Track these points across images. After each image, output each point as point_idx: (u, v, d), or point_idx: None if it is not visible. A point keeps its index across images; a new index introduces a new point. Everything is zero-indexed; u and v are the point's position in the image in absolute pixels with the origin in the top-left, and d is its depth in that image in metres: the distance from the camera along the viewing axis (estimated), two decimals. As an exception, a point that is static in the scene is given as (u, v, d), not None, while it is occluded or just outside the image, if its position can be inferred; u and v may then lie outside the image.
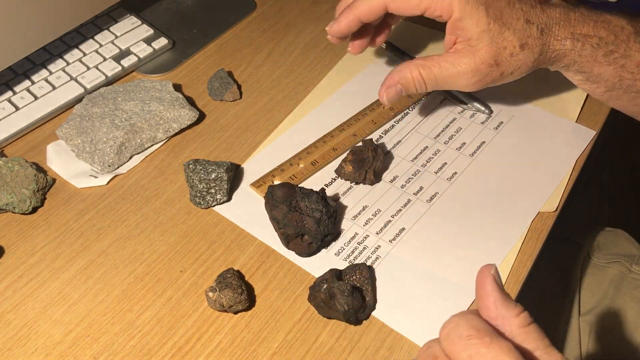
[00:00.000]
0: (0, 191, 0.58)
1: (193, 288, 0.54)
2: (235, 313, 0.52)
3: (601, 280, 0.77)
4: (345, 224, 0.59)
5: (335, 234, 0.57)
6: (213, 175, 0.58)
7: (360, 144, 0.60)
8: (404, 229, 0.58)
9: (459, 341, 0.37)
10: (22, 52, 0.66)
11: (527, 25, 0.54)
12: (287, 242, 0.56)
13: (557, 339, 0.76)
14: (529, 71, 0.57)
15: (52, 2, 0.65)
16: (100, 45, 0.73)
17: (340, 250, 0.57)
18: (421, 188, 0.61)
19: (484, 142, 0.65)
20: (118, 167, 0.63)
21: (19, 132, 0.66)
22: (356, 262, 0.56)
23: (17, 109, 0.67)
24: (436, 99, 0.70)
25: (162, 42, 0.75)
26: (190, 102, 0.70)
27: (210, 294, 0.51)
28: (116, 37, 0.74)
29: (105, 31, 0.75)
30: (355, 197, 0.61)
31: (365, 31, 0.62)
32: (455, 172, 0.63)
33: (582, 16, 0.55)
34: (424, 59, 0.57)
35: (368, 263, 0.56)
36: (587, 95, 0.69)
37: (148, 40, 0.74)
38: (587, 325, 0.75)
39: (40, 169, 0.62)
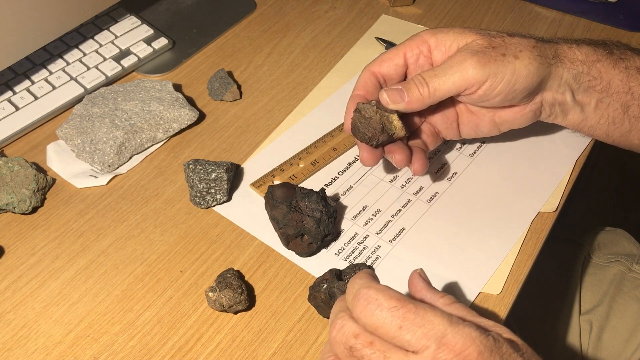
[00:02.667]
0: (0, 191, 0.58)
1: (193, 288, 0.54)
2: (235, 313, 0.52)
3: (601, 280, 0.77)
4: (345, 224, 0.59)
5: (335, 234, 0.57)
6: (213, 175, 0.58)
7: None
8: (404, 229, 0.58)
9: (381, 313, 0.36)
10: (22, 52, 0.66)
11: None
12: (287, 242, 0.56)
13: (557, 339, 0.76)
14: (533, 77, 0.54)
15: (52, 2, 0.65)
16: (100, 45, 0.73)
17: (340, 250, 0.57)
18: (421, 188, 0.61)
19: (484, 142, 0.65)
20: (118, 167, 0.63)
21: (19, 132, 0.66)
22: (356, 262, 0.56)
23: (17, 109, 0.67)
24: (436, 99, 0.70)
25: (162, 42, 0.75)
26: (190, 102, 0.70)
27: (210, 294, 0.51)
28: (116, 37, 0.74)
29: (105, 31, 0.75)
30: (355, 197, 0.61)
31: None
32: (455, 172, 0.63)
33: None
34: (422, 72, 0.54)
35: (368, 263, 0.56)
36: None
37: (148, 40, 0.74)
38: (587, 324, 0.75)
39: (40, 169, 0.62)
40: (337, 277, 0.51)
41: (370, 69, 0.57)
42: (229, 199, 0.60)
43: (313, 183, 0.62)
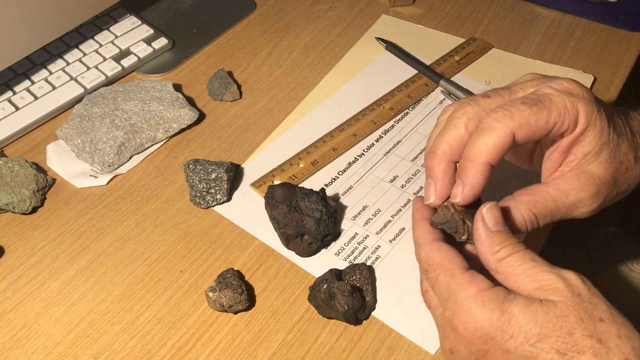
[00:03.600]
0: (0, 191, 0.58)
1: (193, 288, 0.54)
2: (235, 313, 0.52)
3: (602, 280, 0.77)
4: (345, 224, 0.59)
5: (335, 234, 0.57)
6: (213, 175, 0.58)
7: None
8: (404, 228, 0.58)
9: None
10: (22, 52, 0.66)
11: (632, 136, 0.46)
12: (287, 242, 0.56)
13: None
14: (636, 187, 0.48)
15: (52, 2, 0.65)
16: (100, 45, 0.73)
17: (340, 250, 0.57)
18: (421, 188, 0.61)
19: (484, 142, 0.65)
20: (118, 167, 0.63)
21: (19, 132, 0.66)
22: (356, 262, 0.56)
23: (17, 109, 0.67)
24: (436, 99, 0.70)
25: (162, 42, 0.75)
26: (190, 102, 0.70)
27: (210, 294, 0.51)
28: (116, 37, 0.74)
29: (105, 31, 0.75)
30: (355, 197, 0.61)
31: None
32: (455, 172, 0.62)
33: None
34: (532, 193, 0.45)
35: (368, 263, 0.56)
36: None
37: (148, 40, 0.74)
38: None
39: (40, 169, 0.62)
40: (337, 277, 0.51)
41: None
42: (229, 199, 0.60)
43: (313, 183, 0.62)
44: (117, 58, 0.72)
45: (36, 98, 0.68)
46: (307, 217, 0.54)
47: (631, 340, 0.38)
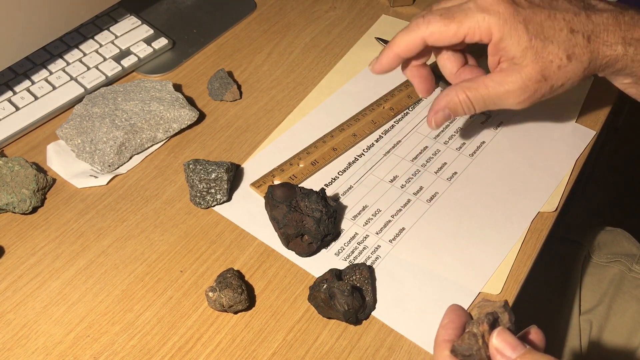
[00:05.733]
0: (0, 191, 0.58)
1: (193, 288, 0.54)
2: (235, 313, 0.52)
3: (601, 280, 0.77)
4: (345, 224, 0.59)
5: (335, 234, 0.57)
6: (213, 175, 0.58)
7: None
8: (404, 228, 0.58)
9: None
10: (22, 52, 0.66)
11: (571, 34, 0.51)
12: (287, 242, 0.56)
13: (557, 338, 0.76)
14: (580, 81, 0.54)
15: (53, 2, 0.65)
16: (100, 45, 0.73)
17: (340, 250, 0.57)
18: (421, 188, 0.61)
19: (484, 142, 0.65)
20: (118, 167, 0.63)
21: (19, 132, 0.66)
22: (356, 262, 0.56)
23: (17, 109, 0.67)
24: (436, 99, 0.70)
25: (162, 42, 0.75)
26: (190, 102, 0.70)
27: (210, 294, 0.51)
28: (116, 37, 0.74)
29: (105, 31, 0.75)
30: (355, 197, 0.61)
31: (425, 72, 0.59)
32: (455, 172, 0.63)
33: (632, 19, 0.52)
34: (470, 80, 0.54)
35: (368, 263, 0.56)
36: (587, 95, 0.69)
37: (148, 40, 0.74)
38: (587, 324, 0.75)
39: (40, 169, 0.62)
40: (337, 277, 0.51)
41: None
42: (229, 199, 0.60)
43: (313, 183, 0.62)
44: (117, 58, 0.72)
45: (36, 98, 0.68)
46: (307, 217, 0.54)
47: None
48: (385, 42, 0.75)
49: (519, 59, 0.52)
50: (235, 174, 0.62)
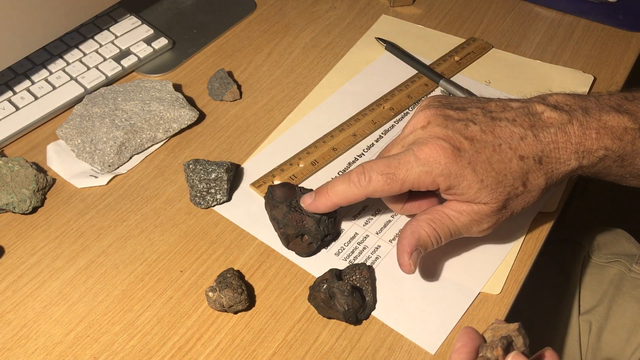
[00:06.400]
0: (0, 191, 0.58)
1: (193, 288, 0.54)
2: (235, 313, 0.52)
3: (601, 280, 0.77)
4: (345, 224, 0.59)
5: (335, 234, 0.57)
6: (213, 175, 0.58)
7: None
8: (404, 229, 0.58)
9: None
10: (22, 52, 0.66)
11: (522, 162, 0.49)
12: (287, 242, 0.56)
13: (556, 339, 0.76)
14: (542, 197, 0.52)
15: (53, 2, 0.65)
16: (100, 45, 0.73)
17: (340, 250, 0.57)
18: (421, 188, 0.61)
19: (483, 142, 0.65)
20: (118, 167, 0.63)
21: (19, 132, 0.66)
22: (356, 262, 0.56)
23: (17, 109, 0.67)
24: (436, 99, 0.70)
25: (162, 42, 0.75)
26: (190, 102, 0.70)
27: (210, 294, 0.51)
28: (116, 37, 0.74)
29: (105, 31, 0.75)
30: (355, 197, 0.61)
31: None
32: (455, 172, 0.62)
33: (581, 128, 0.50)
34: (430, 212, 0.51)
35: (368, 263, 0.56)
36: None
37: (148, 40, 0.74)
38: (587, 324, 0.75)
39: (40, 169, 0.62)
40: (337, 277, 0.51)
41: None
42: (229, 199, 0.60)
43: (313, 183, 0.62)
44: (117, 58, 0.72)
45: (36, 98, 0.68)
46: (307, 217, 0.54)
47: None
48: (385, 42, 0.75)
49: (474, 199, 0.50)
50: (235, 174, 0.62)
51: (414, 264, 0.50)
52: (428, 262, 0.56)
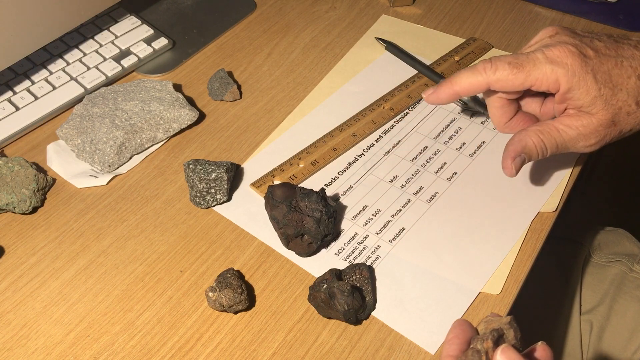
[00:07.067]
0: (0, 191, 0.58)
1: (193, 288, 0.54)
2: (235, 313, 0.52)
3: (602, 280, 0.77)
4: (345, 224, 0.59)
5: (335, 234, 0.57)
6: (213, 175, 0.58)
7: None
8: (403, 229, 0.58)
9: None
10: (22, 52, 0.66)
11: (639, 81, 0.52)
12: (287, 242, 0.56)
13: (557, 338, 0.76)
14: None
15: (52, 2, 0.65)
16: (101, 46, 0.73)
17: (340, 250, 0.57)
18: (421, 188, 0.61)
19: (484, 142, 0.65)
20: (118, 167, 0.63)
21: (19, 132, 0.66)
22: (356, 262, 0.56)
23: (17, 109, 0.67)
24: (436, 99, 0.70)
25: (162, 42, 0.75)
26: (190, 102, 0.70)
27: (210, 294, 0.51)
28: (116, 37, 0.74)
29: (105, 31, 0.75)
30: (355, 197, 0.61)
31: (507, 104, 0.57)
32: (455, 172, 0.63)
33: None
34: (540, 124, 0.54)
35: (368, 263, 0.56)
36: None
37: (148, 40, 0.74)
38: (587, 324, 0.75)
39: (40, 169, 0.62)
40: (337, 277, 0.51)
41: None
42: (229, 199, 0.60)
43: (313, 183, 0.62)
44: (117, 58, 0.72)
45: (36, 98, 0.68)
46: (307, 217, 0.54)
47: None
48: (385, 42, 0.75)
49: (588, 107, 0.52)
50: (235, 174, 0.62)
51: (516, 168, 0.54)
52: (428, 262, 0.56)
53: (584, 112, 0.53)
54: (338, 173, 0.63)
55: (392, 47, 0.75)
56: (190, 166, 0.58)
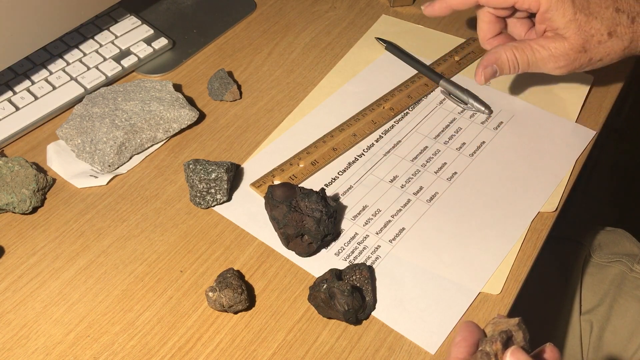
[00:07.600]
0: (1, 191, 0.58)
1: (193, 288, 0.54)
2: (235, 313, 0.52)
3: (602, 280, 0.77)
4: (345, 224, 0.59)
5: (335, 234, 0.57)
6: (213, 175, 0.58)
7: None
8: (403, 229, 0.58)
9: None
10: (22, 52, 0.66)
11: (616, 13, 0.56)
12: (287, 242, 0.56)
13: (557, 339, 0.76)
14: (619, 58, 0.59)
15: (52, 2, 0.65)
16: (101, 46, 0.73)
17: (340, 250, 0.57)
18: (421, 188, 0.61)
19: (483, 142, 0.65)
20: (118, 167, 0.63)
21: (19, 132, 0.66)
22: (356, 262, 0.56)
23: (17, 109, 0.67)
24: (436, 99, 0.70)
25: (162, 42, 0.75)
26: (190, 102, 0.70)
27: (210, 294, 0.51)
28: (116, 37, 0.74)
29: (105, 31, 0.75)
30: (355, 197, 0.61)
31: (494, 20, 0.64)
32: (455, 172, 0.63)
33: None
34: (518, 42, 0.60)
35: (368, 263, 0.56)
36: (587, 95, 0.69)
37: (148, 40, 0.74)
38: (588, 324, 0.75)
39: (40, 169, 0.62)
40: (337, 277, 0.51)
41: None
42: (229, 199, 0.60)
43: (313, 183, 0.62)
44: (117, 58, 0.72)
45: (36, 98, 0.68)
46: (307, 217, 0.54)
47: None
48: (385, 42, 0.75)
49: (562, 29, 0.57)
50: (235, 174, 0.62)
51: (485, 77, 0.60)
52: (428, 262, 0.56)
53: (559, 35, 0.57)
54: (338, 173, 0.63)
55: (392, 47, 0.75)
56: (190, 166, 0.58)
